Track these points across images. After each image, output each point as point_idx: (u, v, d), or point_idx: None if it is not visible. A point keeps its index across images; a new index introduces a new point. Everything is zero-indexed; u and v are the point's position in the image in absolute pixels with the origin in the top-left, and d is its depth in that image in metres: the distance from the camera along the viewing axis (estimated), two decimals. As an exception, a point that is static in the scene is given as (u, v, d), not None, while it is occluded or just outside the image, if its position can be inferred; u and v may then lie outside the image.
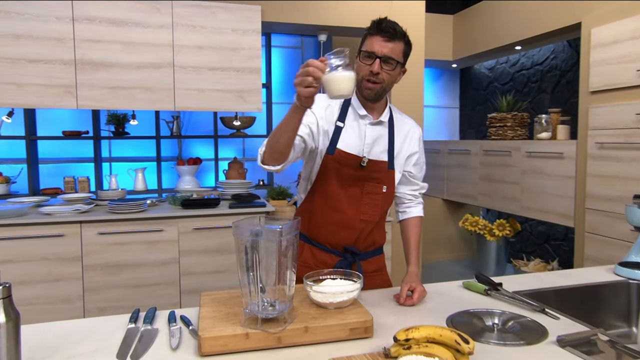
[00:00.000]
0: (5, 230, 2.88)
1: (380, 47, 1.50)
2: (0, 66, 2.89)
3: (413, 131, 1.73)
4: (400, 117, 1.74)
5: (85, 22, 2.99)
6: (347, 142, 1.62)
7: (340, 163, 1.61)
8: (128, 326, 1.30)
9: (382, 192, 1.65)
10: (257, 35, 3.29)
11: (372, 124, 1.64)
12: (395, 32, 1.50)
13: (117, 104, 3.08)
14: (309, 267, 1.68)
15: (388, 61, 1.51)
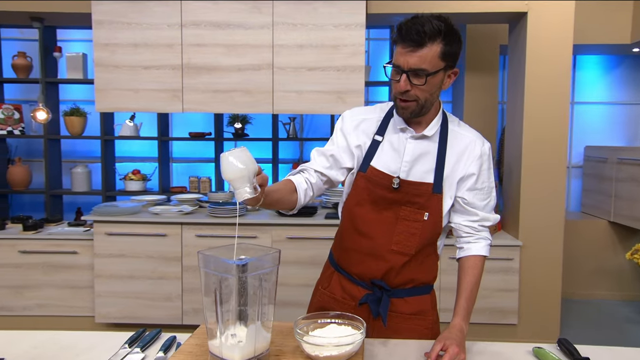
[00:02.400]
0: (121, 226, 3.27)
1: (404, 59, 1.31)
2: (121, 73, 3.29)
3: (472, 147, 1.49)
4: (459, 130, 1.51)
5: (192, 27, 3.23)
6: (384, 159, 1.47)
7: (372, 182, 1.47)
8: (120, 349, 1.32)
9: (422, 219, 1.45)
10: (361, 30, 3.16)
11: (415, 137, 1.46)
12: (421, 37, 1.27)
13: (218, 107, 3.26)
14: (335, 299, 1.56)
15: (418, 74, 1.32)
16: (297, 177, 1.48)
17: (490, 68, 4.05)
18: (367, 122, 1.51)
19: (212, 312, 1.09)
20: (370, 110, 1.56)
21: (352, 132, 1.50)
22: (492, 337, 3.31)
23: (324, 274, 1.67)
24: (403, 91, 1.34)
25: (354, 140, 1.50)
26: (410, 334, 1.49)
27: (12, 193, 4.55)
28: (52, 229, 3.57)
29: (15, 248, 3.41)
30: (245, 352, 1.08)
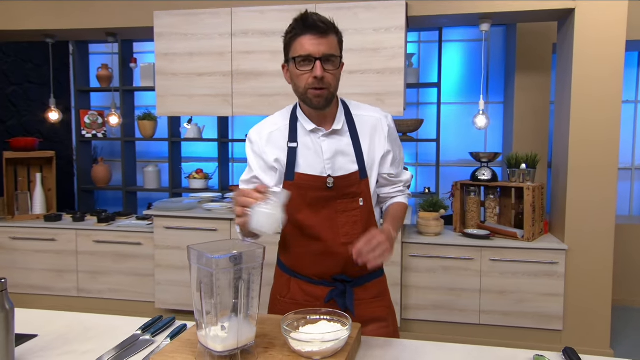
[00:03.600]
0: (177, 221, 3.41)
1: (315, 46, 1.32)
2: (178, 80, 3.42)
3: (380, 124, 1.50)
4: (362, 113, 1.51)
5: (241, 36, 3.29)
6: (305, 163, 1.45)
7: (304, 187, 1.44)
8: (135, 332, 1.36)
9: (358, 206, 1.45)
10: (400, 33, 3.06)
11: (326, 135, 1.45)
12: (326, 25, 1.33)
13: (264, 110, 3.30)
14: (299, 303, 1.49)
15: (329, 59, 1.34)
16: None
17: (542, 67, 3.79)
18: (275, 133, 1.47)
19: (199, 304, 1.09)
20: (273, 121, 1.52)
21: (265, 148, 1.47)
22: (535, 341, 3.09)
23: (278, 282, 1.62)
24: (320, 77, 1.31)
25: (270, 156, 1.46)
26: (374, 315, 1.51)
27: (96, 189, 4.89)
28: (122, 222, 3.79)
29: (90, 238, 3.66)
30: (227, 343, 1.07)
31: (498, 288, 3.08)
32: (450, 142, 4.35)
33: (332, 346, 1.10)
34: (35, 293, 3.76)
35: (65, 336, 1.36)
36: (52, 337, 1.35)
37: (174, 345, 1.18)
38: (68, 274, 3.70)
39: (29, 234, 3.74)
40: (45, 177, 4.11)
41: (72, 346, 1.29)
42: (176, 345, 1.18)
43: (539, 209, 3.13)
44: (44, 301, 3.77)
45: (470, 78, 4.29)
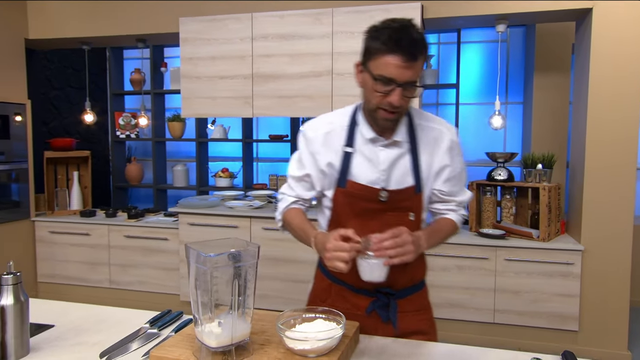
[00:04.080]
0: (200, 218, 3.44)
1: (400, 71, 1.16)
2: (202, 83, 3.45)
3: (441, 139, 1.36)
4: (426, 124, 1.37)
5: (261, 40, 3.29)
6: (360, 170, 1.33)
7: (355, 196, 1.33)
8: (143, 325, 1.37)
9: (408, 221, 1.33)
10: (415, 35, 3.00)
11: (386, 145, 1.33)
12: (417, 49, 1.16)
13: (283, 111, 3.29)
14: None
15: (409, 86, 1.20)
16: (299, 207, 1.44)
17: (562, 67, 3.65)
18: (331, 134, 1.36)
19: (195, 300, 1.09)
20: (330, 120, 1.40)
21: (320, 148, 1.36)
22: (551, 341, 2.98)
23: (318, 287, 1.51)
24: (397, 105, 1.20)
25: (323, 159, 1.36)
26: (417, 328, 1.41)
27: (129, 187, 5.00)
28: (150, 218, 3.86)
29: (121, 233, 3.74)
30: (221, 339, 1.06)
31: (513, 288, 2.98)
32: (470, 142, 4.25)
33: (325, 344, 1.08)
34: (71, 284, 3.88)
35: (79, 327, 1.38)
36: (67, 327, 1.38)
37: (175, 339, 1.18)
38: (101, 266, 3.80)
39: (66, 228, 3.85)
40: (82, 175, 4.23)
41: (84, 337, 1.31)
42: (177, 339, 1.18)
43: (555, 209, 3.01)
44: (78, 292, 3.88)
45: (489, 79, 4.17)
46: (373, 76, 1.19)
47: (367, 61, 1.22)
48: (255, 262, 1.11)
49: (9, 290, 1.19)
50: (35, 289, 3.98)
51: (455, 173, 1.38)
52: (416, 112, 1.39)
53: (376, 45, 1.18)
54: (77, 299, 3.75)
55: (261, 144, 4.72)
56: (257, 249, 1.10)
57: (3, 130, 3.69)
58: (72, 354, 1.21)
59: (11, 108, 3.75)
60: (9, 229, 3.76)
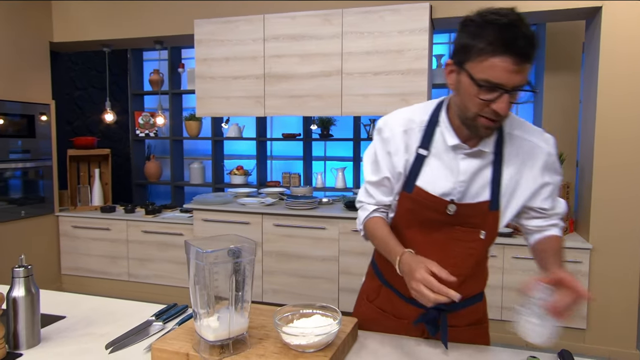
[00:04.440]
0: (214, 214, 3.46)
1: (510, 76, 0.97)
2: (216, 83, 3.47)
3: (537, 152, 1.16)
4: (518, 134, 1.16)
5: (273, 41, 3.29)
6: (432, 178, 1.16)
7: (420, 205, 1.18)
8: (149, 318, 1.38)
9: (478, 238, 1.17)
10: (424, 35, 2.96)
11: (469, 154, 1.14)
12: (531, 49, 0.97)
13: (294, 111, 3.29)
14: (385, 314, 1.32)
15: (517, 90, 1.01)
16: (380, 214, 1.27)
17: (572, 66, 3.56)
18: (409, 133, 1.18)
19: (194, 295, 1.09)
20: (408, 116, 1.20)
21: (399, 149, 1.19)
22: (564, 340, 2.92)
23: (369, 285, 1.40)
24: (504, 114, 1.01)
25: (400, 160, 1.19)
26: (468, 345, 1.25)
27: (148, 184, 5.06)
28: (167, 214, 3.90)
29: (139, 228, 3.79)
30: (218, 333, 1.06)
31: (520, 285, 2.92)
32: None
33: (321, 340, 1.07)
34: (92, 276, 3.95)
35: (89, 318, 1.39)
36: (78, 319, 1.39)
37: (176, 332, 1.18)
38: (120, 260, 3.85)
39: (88, 223, 3.92)
40: (103, 172, 4.30)
41: (93, 328, 1.33)
42: (179, 332, 1.18)
43: (563, 208, 2.94)
44: (99, 284, 3.95)
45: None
46: (475, 81, 1.00)
47: (466, 61, 1.01)
48: (252, 258, 1.10)
49: (20, 283, 1.20)
50: (59, 281, 4.06)
51: (555, 189, 1.20)
52: (514, 118, 1.18)
53: (479, 44, 0.98)
54: (98, 292, 3.82)
55: (275, 142, 4.73)
56: (254, 245, 1.10)
57: (29, 129, 3.76)
58: (79, 344, 1.22)
59: (36, 108, 3.82)
60: (35, 223, 3.84)
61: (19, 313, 1.19)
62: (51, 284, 3.96)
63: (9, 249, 3.55)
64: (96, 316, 1.41)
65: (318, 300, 3.19)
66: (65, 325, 1.34)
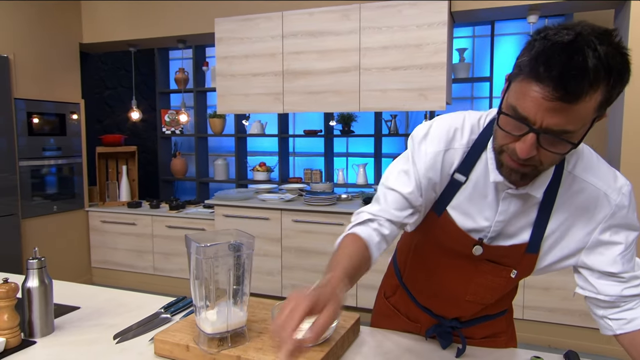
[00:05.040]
0: (234, 210, 3.51)
1: (541, 112, 0.74)
2: (236, 81, 3.50)
3: (601, 202, 0.92)
4: (582, 176, 0.93)
5: (291, 37, 3.29)
6: (465, 210, 0.99)
7: (446, 233, 1.02)
8: (157, 310, 1.41)
9: (508, 276, 1.02)
10: (442, 29, 2.90)
11: (513, 195, 0.94)
12: (584, 84, 0.69)
13: (312, 107, 3.28)
14: (399, 315, 1.28)
15: (554, 136, 0.76)
16: (366, 229, 1.00)
17: (602, 57, 3.41)
18: (450, 152, 0.98)
19: (194, 289, 1.11)
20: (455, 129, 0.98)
21: (437, 169, 0.99)
22: (585, 340, 2.82)
23: (387, 281, 1.34)
24: (524, 158, 0.80)
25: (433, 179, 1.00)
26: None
27: (175, 180, 5.18)
28: (190, 210, 3.98)
29: (164, 223, 3.88)
30: (216, 326, 1.07)
31: (543, 284, 2.84)
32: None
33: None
34: (119, 269, 4.07)
35: (102, 310, 1.44)
36: (91, 310, 1.44)
37: (179, 325, 1.20)
38: (146, 254, 3.95)
39: (115, 218, 4.04)
40: (130, 168, 4.42)
41: (104, 319, 1.37)
42: (182, 324, 1.20)
43: (589, 205, 2.83)
44: (126, 277, 4.07)
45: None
46: (506, 104, 0.80)
47: (513, 79, 0.79)
48: (251, 252, 1.11)
49: (34, 274, 1.25)
50: (89, 274, 4.21)
51: (630, 249, 0.94)
52: (575, 157, 0.93)
53: (524, 60, 0.76)
54: (125, 284, 3.94)
55: (297, 139, 4.75)
56: (253, 240, 1.10)
57: (61, 128, 3.91)
58: (90, 334, 1.26)
59: (67, 107, 3.96)
60: (67, 218, 3.99)
61: (33, 303, 1.24)
62: (82, 276, 4.10)
63: (43, 242, 3.71)
64: (109, 307, 1.45)
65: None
66: (78, 316, 1.39)
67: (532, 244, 0.96)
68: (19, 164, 3.55)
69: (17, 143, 3.53)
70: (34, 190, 3.70)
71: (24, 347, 1.18)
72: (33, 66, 3.66)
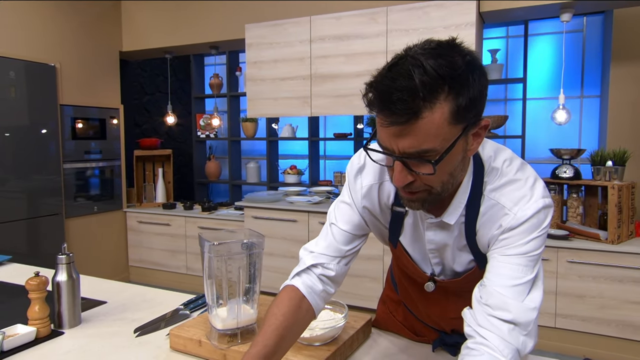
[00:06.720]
0: (263, 212, 3.57)
1: (391, 138, 0.75)
2: (265, 85, 3.57)
3: (502, 217, 0.87)
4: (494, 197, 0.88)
5: (319, 42, 3.32)
6: (411, 238, 1.01)
7: (402, 263, 1.06)
8: (177, 307, 1.47)
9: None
10: (470, 30, 2.85)
11: (433, 225, 0.94)
12: (409, 102, 0.69)
13: (339, 110, 3.30)
14: (402, 327, 1.27)
15: (415, 159, 0.75)
16: (308, 278, 0.99)
17: (644, 56, 3.26)
18: (386, 185, 0.98)
19: (207, 287, 1.14)
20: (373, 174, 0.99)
21: (366, 198, 1.00)
22: (622, 352, 2.68)
23: (387, 295, 1.34)
24: (403, 185, 0.80)
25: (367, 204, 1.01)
26: None
27: (209, 182, 5.31)
28: (221, 211, 4.07)
29: (196, 224, 3.99)
30: (227, 322, 1.10)
31: (576, 292, 2.73)
32: (541, 138, 3.95)
33: (326, 333, 1.08)
34: (154, 268, 4.22)
35: (126, 305, 1.51)
36: (116, 304, 1.51)
37: (194, 321, 1.24)
38: (179, 254, 4.08)
39: (151, 219, 4.19)
40: (166, 171, 4.57)
41: (127, 314, 1.43)
42: (197, 320, 1.25)
43: (627, 210, 2.71)
44: (161, 276, 4.20)
45: (564, 72, 3.84)
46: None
47: None
48: (262, 251, 1.13)
49: (63, 269, 1.32)
50: (127, 272, 4.38)
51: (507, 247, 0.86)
52: (495, 173, 0.90)
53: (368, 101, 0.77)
54: (160, 283, 4.08)
55: (328, 142, 4.77)
56: (263, 239, 1.13)
57: (101, 132, 4.10)
58: (112, 327, 1.33)
59: (108, 112, 4.15)
60: (106, 218, 4.18)
61: (62, 295, 1.31)
62: (119, 274, 4.28)
63: (84, 241, 3.90)
64: (133, 303, 1.52)
65: (363, 298, 3.19)
66: (104, 310, 1.46)
67: (479, 262, 0.94)
68: (63, 167, 3.75)
69: (63, 147, 3.73)
70: (77, 192, 3.90)
71: (53, 336, 1.25)
72: (77, 74, 3.86)
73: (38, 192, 3.54)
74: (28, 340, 1.20)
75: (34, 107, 3.47)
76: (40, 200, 3.56)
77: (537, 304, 0.82)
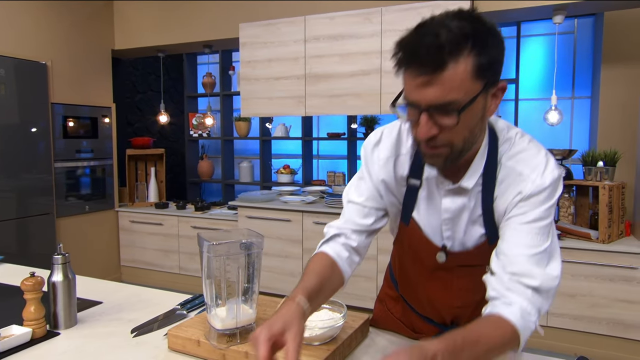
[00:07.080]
0: (257, 211, 3.56)
1: (419, 93, 0.80)
2: (259, 85, 3.56)
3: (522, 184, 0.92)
4: (511, 164, 0.94)
5: (313, 41, 3.33)
6: (426, 212, 1.03)
7: (415, 241, 1.07)
8: (174, 307, 1.46)
9: (484, 272, 0.97)
10: (465, 30, 2.86)
11: (450, 191, 0.98)
12: (437, 54, 0.77)
13: (334, 110, 3.31)
14: (403, 327, 1.27)
15: (446, 110, 0.80)
16: (334, 246, 1.08)
17: (632, 58, 3.30)
18: (399, 159, 1.04)
19: (206, 287, 1.14)
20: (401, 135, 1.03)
21: (384, 170, 1.05)
22: (612, 350, 2.72)
23: (386, 292, 1.35)
24: (427, 138, 0.83)
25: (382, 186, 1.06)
26: None
27: (202, 182, 5.29)
28: (215, 211, 4.06)
29: (189, 223, 3.97)
30: (226, 322, 1.10)
31: (568, 290, 2.76)
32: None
33: (325, 333, 1.08)
34: (147, 268, 4.19)
35: (122, 305, 1.50)
36: (112, 305, 1.50)
37: (192, 321, 1.24)
38: (172, 253, 4.06)
39: (144, 218, 4.16)
40: (159, 170, 4.54)
41: (123, 314, 1.42)
42: (195, 320, 1.24)
43: (617, 210, 2.74)
44: (154, 276, 4.18)
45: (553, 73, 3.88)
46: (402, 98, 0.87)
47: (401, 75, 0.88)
48: (261, 251, 1.13)
49: (58, 269, 1.31)
50: (119, 272, 4.35)
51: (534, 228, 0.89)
52: (509, 143, 0.96)
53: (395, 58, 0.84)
54: (152, 283, 4.05)
55: (321, 141, 4.78)
56: (262, 239, 1.13)
57: (93, 131, 4.06)
58: (109, 327, 1.32)
59: (99, 111, 4.12)
60: (98, 218, 4.14)
61: (57, 296, 1.30)
62: (111, 274, 4.25)
63: (76, 240, 3.86)
64: (129, 303, 1.51)
65: (358, 298, 3.19)
66: (100, 310, 1.45)
67: (491, 235, 0.98)
68: (54, 166, 3.71)
69: (54, 145, 3.69)
70: (68, 191, 3.86)
71: (49, 337, 1.24)
72: (68, 72, 3.82)
73: (28, 191, 3.50)
74: (23, 341, 1.19)
75: (24, 105, 3.43)
76: (30, 200, 3.52)
77: (559, 272, 0.91)
